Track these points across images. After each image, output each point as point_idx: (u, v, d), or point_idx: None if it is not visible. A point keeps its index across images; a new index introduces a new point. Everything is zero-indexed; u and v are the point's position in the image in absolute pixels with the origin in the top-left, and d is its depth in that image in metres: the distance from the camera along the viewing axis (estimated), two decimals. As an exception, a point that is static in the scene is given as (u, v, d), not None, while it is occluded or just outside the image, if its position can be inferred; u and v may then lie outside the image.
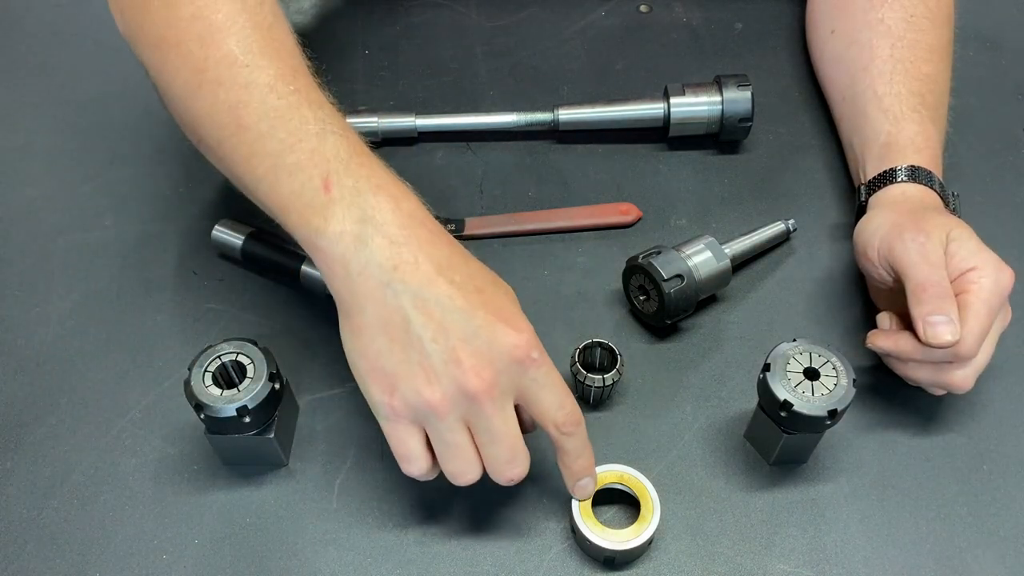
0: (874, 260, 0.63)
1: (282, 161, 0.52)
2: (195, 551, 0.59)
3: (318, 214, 0.51)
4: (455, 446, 0.52)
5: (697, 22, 0.93)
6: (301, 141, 0.52)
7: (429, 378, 0.50)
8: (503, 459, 0.52)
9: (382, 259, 0.50)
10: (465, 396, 0.50)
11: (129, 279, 0.73)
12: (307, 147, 0.52)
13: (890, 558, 0.59)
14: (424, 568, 0.59)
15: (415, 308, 0.50)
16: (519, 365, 0.51)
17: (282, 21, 0.59)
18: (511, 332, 0.50)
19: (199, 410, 0.56)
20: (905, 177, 0.67)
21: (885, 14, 0.76)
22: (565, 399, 0.53)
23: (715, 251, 0.68)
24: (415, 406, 0.51)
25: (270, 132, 0.53)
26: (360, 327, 0.51)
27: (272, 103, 0.54)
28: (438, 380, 0.50)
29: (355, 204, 0.51)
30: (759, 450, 0.63)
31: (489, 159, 0.81)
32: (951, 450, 0.64)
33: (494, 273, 0.54)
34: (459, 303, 0.50)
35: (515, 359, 0.50)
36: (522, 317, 0.52)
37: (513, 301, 0.53)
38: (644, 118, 0.79)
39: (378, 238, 0.50)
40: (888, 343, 0.61)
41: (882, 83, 0.73)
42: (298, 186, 0.52)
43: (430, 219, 0.53)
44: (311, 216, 0.51)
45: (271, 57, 0.55)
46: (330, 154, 0.52)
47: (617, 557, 0.57)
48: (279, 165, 0.52)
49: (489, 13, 0.93)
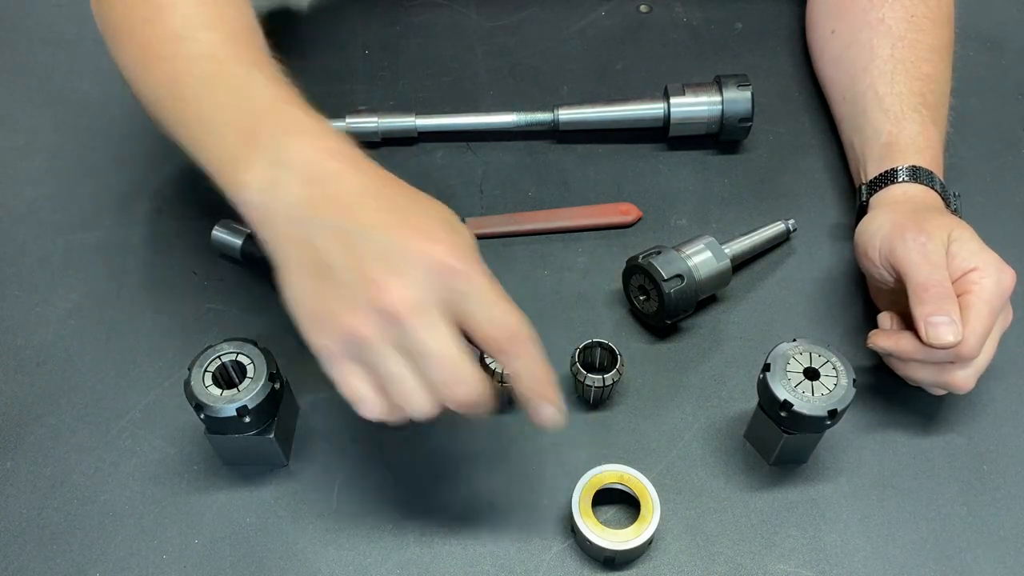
0: (875, 260, 0.63)
1: (213, 124, 0.53)
2: (195, 551, 0.59)
3: (240, 168, 0.50)
4: (393, 376, 0.48)
5: (697, 22, 0.92)
6: (232, 102, 0.53)
7: (348, 306, 0.47)
8: (443, 380, 0.48)
9: (296, 199, 0.48)
10: (386, 317, 0.47)
11: (129, 279, 0.73)
12: (236, 106, 0.52)
13: (890, 558, 0.59)
14: (424, 568, 0.59)
15: (331, 240, 0.48)
16: (438, 276, 0.47)
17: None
18: (426, 242, 0.47)
19: (199, 410, 0.56)
20: (906, 177, 0.67)
21: (885, 14, 0.76)
22: (502, 314, 0.48)
23: (715, 251, 0.68)
24: (345, 340, 0.48)
25: (206, 98, 0.54)
26: (288, 274, 0.50)
27: (208, 70, 0.54)
28: (356, 305, 0.47)
29: (271, 150, 0.50)
30: (759, 450, 0.63)
31: (489, 159, 0.81)
32: (951, 450, 0.64)
33: (427, 196, 0.51)
34: (374, 226, 0.48)
35: (432, 270, 0.47)
36: (448, 230, 0.49)
37: (443, 218, 0.50)
38: (644, 118, 0.79)
39: (292, 179, 0.49)
40: (890, 343, 0.61)
41: (883, 83, 0.73)
42: (228, 145, 0.51)
43: (352, 153, 0.51)
44: (234, 171, 0.50)
45: (212, 28, 0.56)
46: (258, 108, 0.52)
47: (617, 557, 0.57)
48: (212, 129, 0.53)
49: (489, 13, 0.93)
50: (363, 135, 0.80)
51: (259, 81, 0.54)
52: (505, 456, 0.63)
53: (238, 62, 0.55)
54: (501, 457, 0.63)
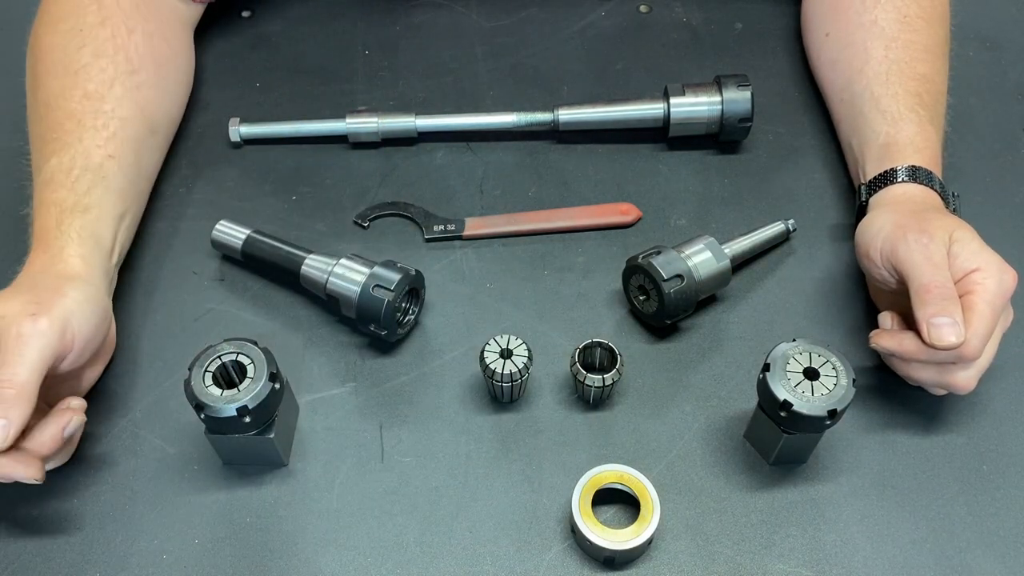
0: (876, 261, 0.63)
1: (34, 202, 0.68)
2: (195, 551, 0.59)
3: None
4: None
5: (697, 22, 0.93)
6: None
7: None
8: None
9: None
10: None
11: (129, 279, 0.73)
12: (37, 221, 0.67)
13: (890, 558, 0.59)
14: (424, 568, 0.59)
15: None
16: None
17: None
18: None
19: (199, 410, 0.56)
20: (905, 177, 0.67)
21: (878, 15, 0.76)
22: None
23: (715, 251, 0.68)
24: None
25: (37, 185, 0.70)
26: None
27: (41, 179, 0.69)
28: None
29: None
30: (759, 450, 0.63)
31: (489, 159, 0.81)
32: (951, 450, 0.64)
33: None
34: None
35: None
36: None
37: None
38: (644, 118, 0.79)
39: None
40: (892, 343, 0.61)
41: (879, 84, 0.73)
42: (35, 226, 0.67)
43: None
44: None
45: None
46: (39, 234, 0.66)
47: (617, 557, 0.57)
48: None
49: (489, 13, 0.93)
50: (363, 135, 0.80)
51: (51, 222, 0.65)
52: (505, 456, 0.63)
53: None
54: (501, 457, 0.63)
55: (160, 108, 0.76)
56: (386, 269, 0.65)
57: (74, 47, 0.73)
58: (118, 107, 0.71)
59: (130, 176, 0.70)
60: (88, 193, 0.66)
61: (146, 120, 0.74)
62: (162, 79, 0.77)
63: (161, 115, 0.76)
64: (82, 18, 0.74)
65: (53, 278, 0.61)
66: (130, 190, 0.70)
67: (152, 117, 0.74)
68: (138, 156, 0.72)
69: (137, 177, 0.72)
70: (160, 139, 0.77)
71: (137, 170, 0.72)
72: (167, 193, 0.78)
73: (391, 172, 0.80)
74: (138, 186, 0.72)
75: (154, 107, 0.75)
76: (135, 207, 0.72)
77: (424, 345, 0.69)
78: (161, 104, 0.76)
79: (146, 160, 0.74)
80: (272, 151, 0.82)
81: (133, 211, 0.71)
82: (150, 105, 0.74)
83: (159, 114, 0.76)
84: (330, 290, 0.66)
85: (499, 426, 0.65)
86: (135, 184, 0.71)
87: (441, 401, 0.66)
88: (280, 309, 0.71)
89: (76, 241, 0.64)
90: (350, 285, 0.65)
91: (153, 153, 0.75)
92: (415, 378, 0.67)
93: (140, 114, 0.73)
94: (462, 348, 0.69)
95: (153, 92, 0.75)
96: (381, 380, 0.67)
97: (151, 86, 0.75)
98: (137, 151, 0.72)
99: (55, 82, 0.72)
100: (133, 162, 0.71)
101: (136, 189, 0.72)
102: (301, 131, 0.81)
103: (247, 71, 0.88)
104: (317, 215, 0.77)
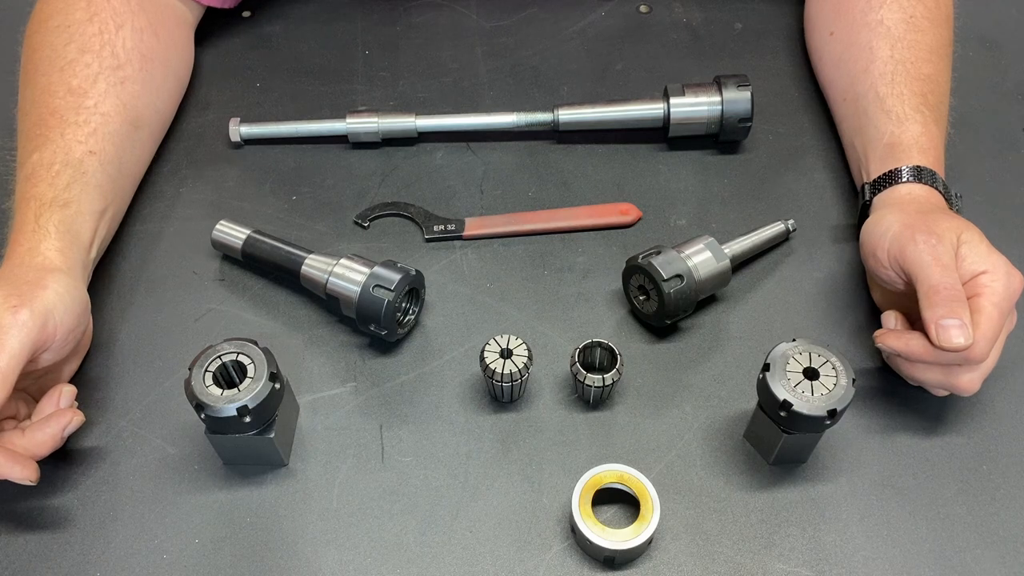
0: (883, 261, 0.63)
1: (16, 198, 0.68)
2: (195, 551, 0.59)
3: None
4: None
5: (697, 22, 0.93)
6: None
7: None
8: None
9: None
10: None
11: (130, 279, 0.73)
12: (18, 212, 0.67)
13: (890, 558, 0.59)
14: (424, 568, 0.59)
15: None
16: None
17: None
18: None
19: (199, 410, 0.56)
20: (910, 177, 0.67)
21: (884, 15, 0.76)
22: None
23: (715, 251, 0.68)
24: None
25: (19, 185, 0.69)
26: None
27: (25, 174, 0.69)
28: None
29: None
30: (759, 450, 0.63)
31: (489, 159, 0.81)
32: (951, 450, 0.64)
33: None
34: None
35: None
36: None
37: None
38: (644, 118, 0.79)
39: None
40: (899, 343, 0.60)
41: (883, 84, 0.73)
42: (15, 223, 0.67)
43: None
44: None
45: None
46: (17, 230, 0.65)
47: (617, 557, 0.57)
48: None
49: (489, 13, 0.93)
50: (363, 135, 0.80)
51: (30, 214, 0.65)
52: (505, 456, 0.63)
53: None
54: (501, 457, 0.63)
55: (145, 102, 0.75)
56: (386, 269, 0.65)
57: (61, 43, 0.73)
58: (101, 102, 0.71)
59: (111, 172, 0.70)
60: (68, 188, 0.66)
61: (129, 115, 0.73)
62: (148, 73, 0.76)
63: (147, 109, 0.76)
64: (71, 15, 0.74)
65: (33, 271, 0.61)
66: (111, 186, 0.70)
67: (137, 111, 0.74)
68: (120, 151, 0.72)
69: (119, 173, 0.71)
70: (145, 134, 0.76)
71: (119, 166, 0.71)
72: (167, 193, 0.78)
73: (391, 172, 0.80)
74: (120, 181, 0.72)
75: (139, 101, 0.75)
76: (117, 202, 0.72)
77: (424, 345, 0.69)
78: (146, 98, 0.76)
79: (129, 156, 0.73)
80: (272, 151, 0.82)
81: (115, 206, 0.71)
82: (134, 99, 0.74)
83: (144, 108, 0.75)
84: (330, 290, 0.66)
85: (499, 426, 0.65)
86: (117, 180, 0.71)
87: (441, 401, 0.66)
88: (280, 309, 0.71)
89: (54, 235, 0.64)
90: (350, 285, 0.65)
91: (138, 148, 0.75)
92: (415, 378, 0.67)
93: (123, 109, 0.73)
94: (462, 348, 0.69)
95: (139, 86, 0.75)
96: (381, 380, 0.67)
97: (136, 80, 0.75)
98: (119, 146, 0.72)
99: (42, 78, 0.72)
100: (115, 158, 0.71)
101: (118, 184, 0.72)
102: (301, 131, 0.81)
103: (247, 71, 0.88)
104: (317, 215, 0.77)
